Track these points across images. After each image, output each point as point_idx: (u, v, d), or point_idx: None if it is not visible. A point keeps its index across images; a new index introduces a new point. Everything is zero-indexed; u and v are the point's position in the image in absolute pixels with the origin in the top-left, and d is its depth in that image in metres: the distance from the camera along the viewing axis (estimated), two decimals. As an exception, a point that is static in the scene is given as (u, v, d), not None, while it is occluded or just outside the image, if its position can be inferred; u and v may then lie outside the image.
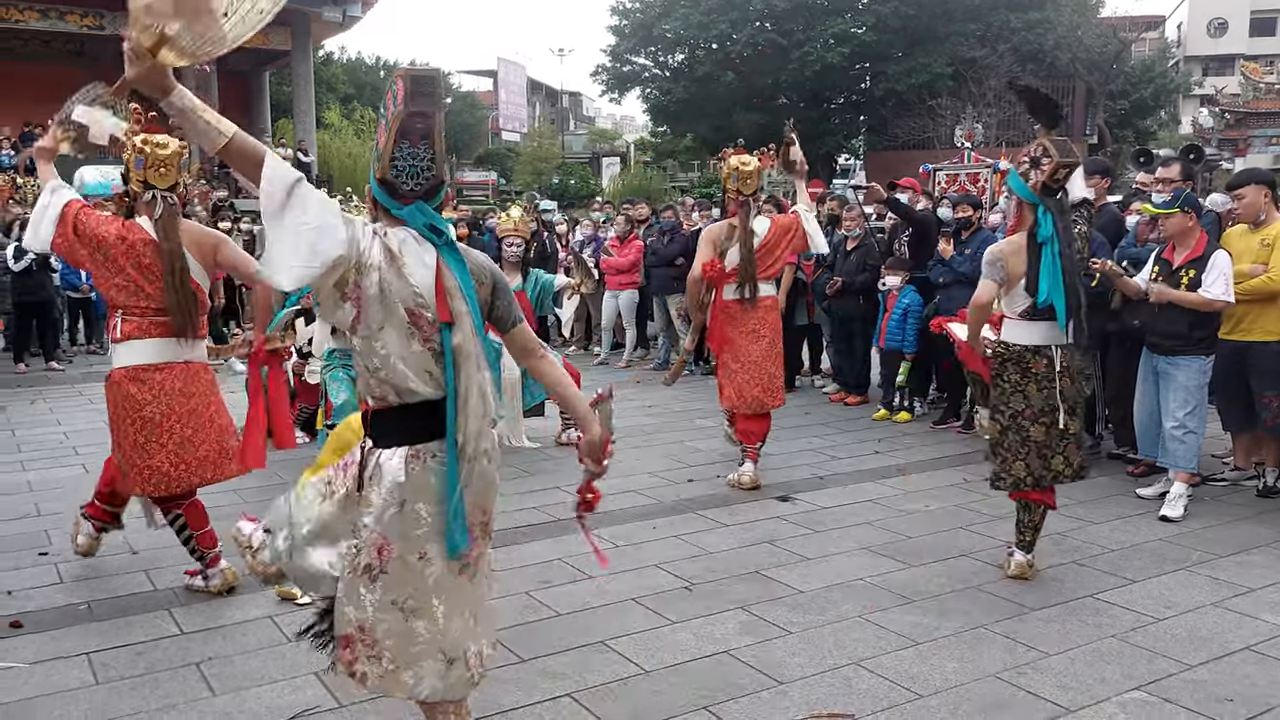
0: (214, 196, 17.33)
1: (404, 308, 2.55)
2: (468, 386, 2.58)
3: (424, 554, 2.65)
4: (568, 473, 6.56)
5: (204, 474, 4.45)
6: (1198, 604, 4.38)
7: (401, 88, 2.50)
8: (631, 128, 69.38)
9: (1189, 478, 5.71)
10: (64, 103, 4.70)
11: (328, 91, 38.53)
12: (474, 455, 2.63)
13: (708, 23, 30.27)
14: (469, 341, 2.57)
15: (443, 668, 2.71)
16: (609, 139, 60.26)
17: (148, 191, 4.31)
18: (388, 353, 2.57)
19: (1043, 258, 4.38)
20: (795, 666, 3.77)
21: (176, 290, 4.29)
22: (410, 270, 2.55)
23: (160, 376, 4.29)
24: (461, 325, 2.56)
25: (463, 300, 2.58)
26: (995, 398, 4.69)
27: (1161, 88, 36.97)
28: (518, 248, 7.19)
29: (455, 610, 2.71)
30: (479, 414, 2.62)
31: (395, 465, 2.62)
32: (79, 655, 3.83)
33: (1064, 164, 4.36)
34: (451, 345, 2.55)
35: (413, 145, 2.54)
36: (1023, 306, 4.55)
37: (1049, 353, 4.56)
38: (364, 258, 2.53)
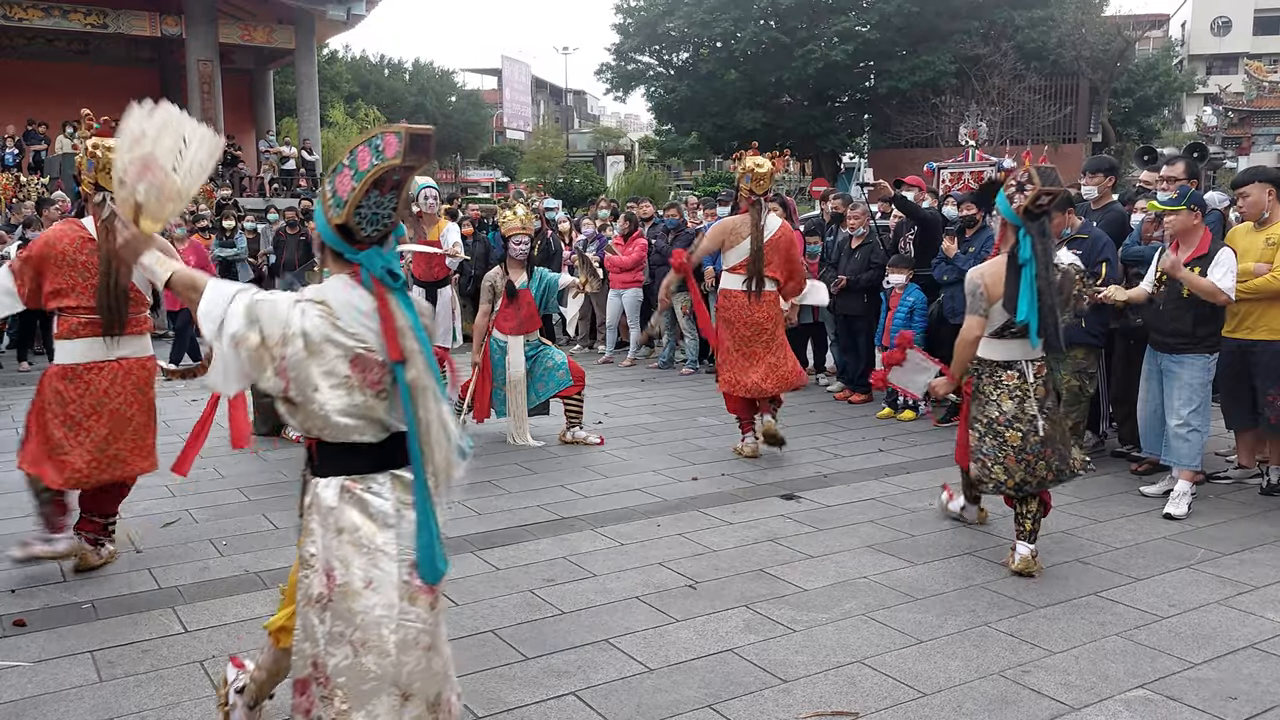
0: (218, 195, 17.38)
1: (345, 361, 2.58)
2: (428, 419, 2.59)
3: (370, 582, 2.60)
4: (571, 470, 6.56)
5: (114, 471, 4.61)
6: (1202, 602, 4.38)
7: (396, 142, 2.50)
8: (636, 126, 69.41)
9: (1193, 476, 5.70)
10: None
11: (331, 90, 38.56)
12: (450, 485, 2.66)
13: (711, 21, 30.28)
14: (423, 377, 2.58)
15: (397, 703, 2.61)
16: (613, 137, 60.28)
17: (98, 194, 4.43)
18: (326, 412, 2.59)
19: (1022, 279, 4.57)
20: (799, 664, 3.77)
21: (109, 291, 4.46)
22: (345, 323, 2.58)
23: (90, 376, 4.48)
24: (414, 362, 2.57)
25: (414, 339, 2.59)
26: (973, 408, 4.91)
27: (1165, 86, 36.94)
28: (525, 246, 7.20)
29: (413, 644, 2.62)
30: (444, 445, 2.62)
31: (330, 494, 2.65)
32: (83, 653, 3.84)
33: (1046, 191, 4.55)
34: (406, 380, 2.57)
35: (382, 194, 2.55)
36: (997, 325, 4.73)
37: (1020, 366, 4.78)
38: (287, 330, 2.56)
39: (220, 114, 25.14)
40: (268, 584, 4.53)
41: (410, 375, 2.56)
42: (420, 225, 8.51)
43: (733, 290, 6.67)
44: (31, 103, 24.16)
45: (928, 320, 8.04)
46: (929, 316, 8.05)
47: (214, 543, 5.12)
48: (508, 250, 7.20)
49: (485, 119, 54.30)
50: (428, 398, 2.59)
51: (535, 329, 7.29)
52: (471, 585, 4.56)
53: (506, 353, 7.14)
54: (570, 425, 7.34)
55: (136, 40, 26.29)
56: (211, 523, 5.47)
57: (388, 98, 44.90)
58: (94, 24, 23.96)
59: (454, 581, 4.60)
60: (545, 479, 6.37)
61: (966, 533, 5.30)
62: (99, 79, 26.65)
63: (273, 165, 25.18)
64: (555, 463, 6.80)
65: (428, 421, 2.58)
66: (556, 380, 7.18)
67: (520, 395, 7.16)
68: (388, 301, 2.57)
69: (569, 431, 7.34)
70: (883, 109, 30.26)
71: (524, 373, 7.13)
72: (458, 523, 5.46)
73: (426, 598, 2.65)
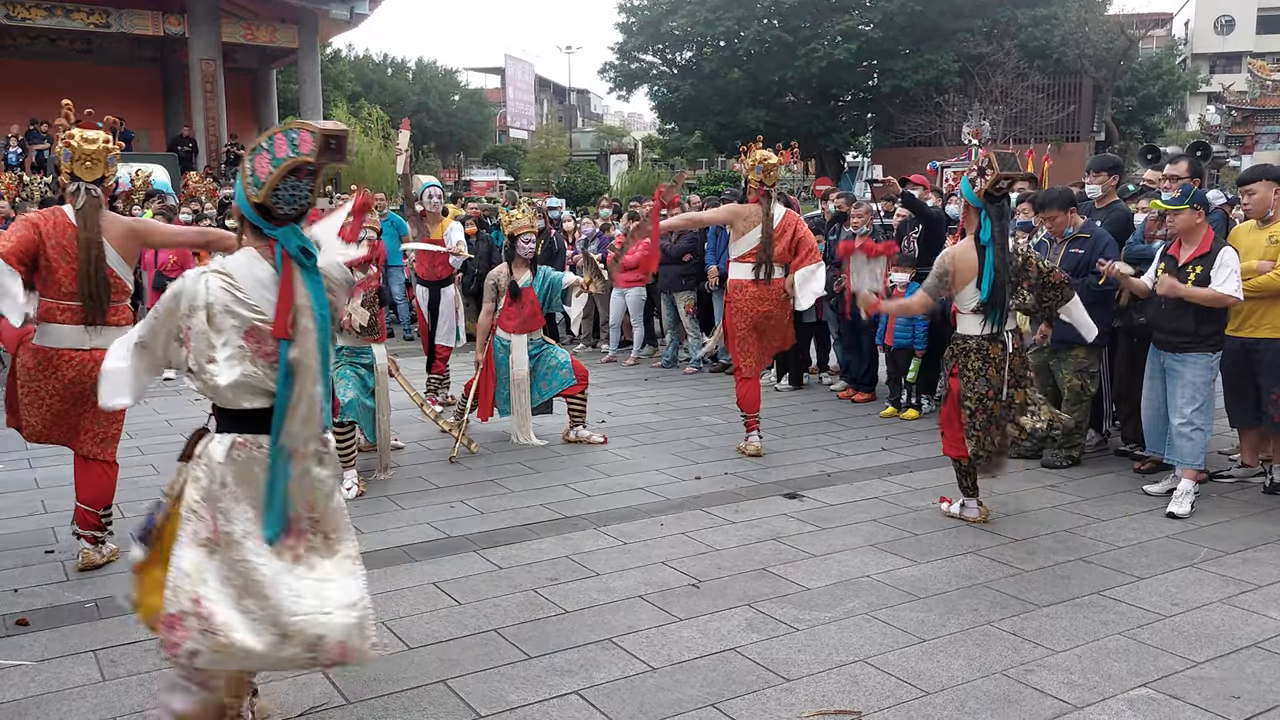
0: (221, 194, 17.39)
1: (240, 333, 2.78)
2: (299, 396, 2.77)
3: (249, 535, 2.82)
4: (574, 470, 6.57)
5: (66, 436, 4.76)
6: (1205, 601, 4.37)
7: (311, 141, 2.70)
8: (639, 125, 69.41)
9: (1196, 474, 5.69)
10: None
11: (335, 89, 38.50)
12: (305, 455, 2.83)
13: (715, 20, 30.28)
14: (308, 356, 2.76)
15: (276, 640, 2.79)
16: (617, 136, 60.23)
17: (74, 183, 4.58)
18: (216, 383, 2.80)
19: (986, 259, 5.04)
20: (802, 663, 3.77)
21: (90, 278, 4.54)
22: (246, 294, 2.77)
23: (60, 364, 4.57)
24: (302, 341, 2.75)
25: (310, 318, 2.75)
26: (963, 385, 5.24)
27: (1169, 84, 36.92)
28: (532, 244, 7.18)
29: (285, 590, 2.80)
30: (307, 419, 2.80)
31: (220, 450, 2.85)
32: (86, 652, 3.84)
33: (1005, 175, 5.01)
34: (289, 358, 2.74)
35: (299, 180, 2.76)
36: (975, 303, 5.16)
37: (1003, 338, 5.20)
38: (194, 301, 2.78)
39: (223, 113, 25.15)
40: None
41: (293, 354, 2.75)
42: (424, 224, 8.51)
43: (743, 280, 6.84)
44: (34, 102, 24.11)
45: (930, 319, 8.03)
46: (931, 315, 8.03)
47: (217, 541, 5.12)
48: (514, 249, 7.19)
49: (488, 118, 54.27)
50: (306, 377, 2.77)
51: (539, 328, 7.29)
52: (474, 584, 4.56)
53: (510, 351, 7.14)
54: (574, 424, 7.34)
55: (139, 39, 26.26)
56: (215, 521, 5.46)
57: (391, 97, 44.85)
58: (97, 23, 23.95)
59: (457, 580, 4.60)
60: (548, 478, 6.38)
61: (969, 532, 5.30)
62: (102, 78, 26.66)
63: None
64: (558, 462, 6.80)
65: (299, 398, 2.77)
66: (560, 379, 7.18)
67: (524, 394, 7.16)
68: (291, 278, 2.75)
69: (572, 430, 7.34)
70: (886, 108, 30.26)
71: (527, 372, 7.14)
72: (460, 521, 5.47)
73: (289, 554, 2.85)
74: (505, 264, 7.26)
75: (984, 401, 5.19)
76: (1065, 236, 6.37)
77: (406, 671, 3.69)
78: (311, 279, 2.78)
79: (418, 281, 8.57)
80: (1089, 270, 6.15)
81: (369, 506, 5.72)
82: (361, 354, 6.21)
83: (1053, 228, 6.43)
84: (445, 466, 6.63)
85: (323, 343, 2.80)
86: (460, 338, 8.68)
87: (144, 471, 6.34)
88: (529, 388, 7.17)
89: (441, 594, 4.44)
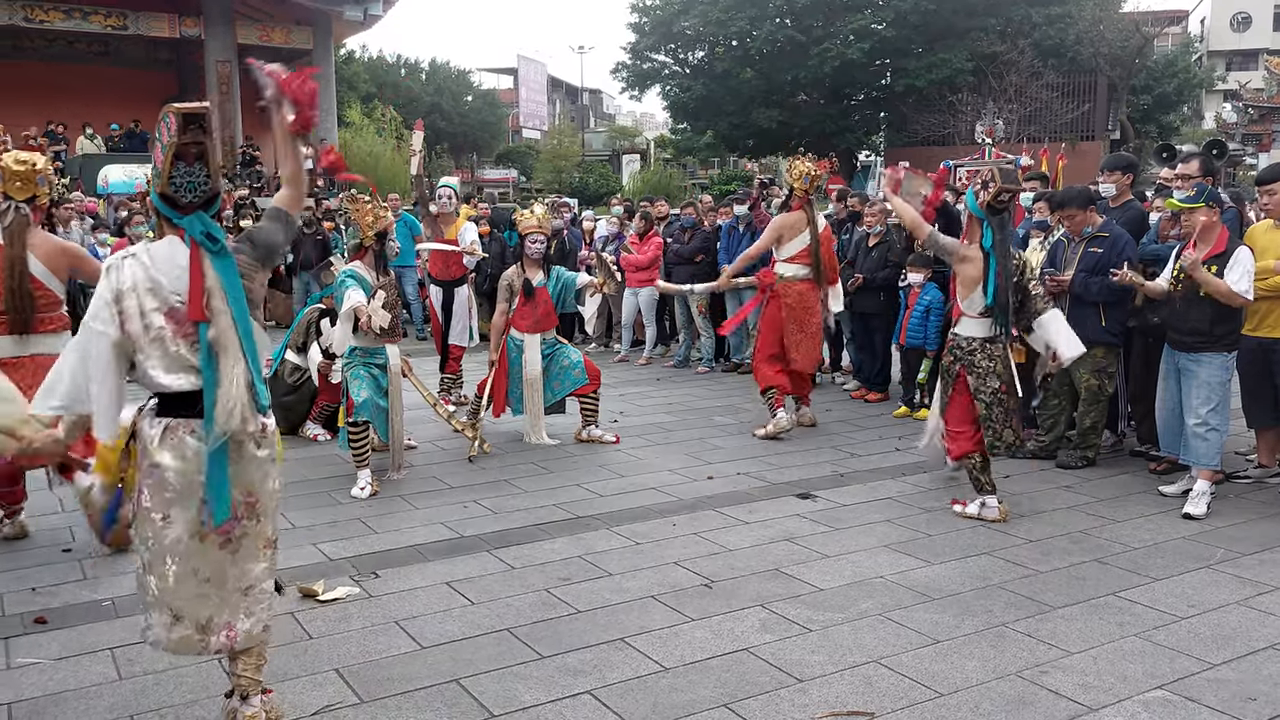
0: (236, 196, 17.47)
1: (161, 313, 2.94)
2: (225, 375, 2.91)
3: (167, 516, 2.98)
4: (587, 469, 6.57)
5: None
6: (1221, 602, 4.35)
7: (174, 121, 2.90)
8: (651, 125, 69.41)
9: (1212, 475, 5.66)
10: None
11: (349, 90, 38.65)
12: (240, 437, 2.98)
13: (727, 20, 30.25)
14: (225, 335, 2.92)
15: (169, 621, 3.04)
16: (629, 136, 60.28)
17: (5, 202, 4.92)
18: (145, 369, 2.97)
19: (989, 266, 5.30)
20: (815, 664, 3.77)
21: (14, 292, 4.86)
22: (164, 276, 2.94)
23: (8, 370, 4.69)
24: (217, 321, 2.91)
25: (223, 299, 2.92)
26: (975, 382, 5.47)
27: (1185, 83, 36.70)
28: (541, 244, 7.21)
29: (189, 575, 3.01)
30: (240, 400, 2.92)
31: (153, 432, 3.00)
32: (103, 650, 3.87)
33: (1006, 188, 5.29)
34: (207, 339, 2.90)
35: (189, 165, 2.93)
36: (981, 307, 5.41)
37: (1001, 340, 5.49)
38: (120, 287, 2.95)
39: (238, 114, 25.27)
40: (286, 581, 4.55)
41: (211, 334, 2.90)
42: (438, 224, 8.53)
43: (794, 278, 7.37)
44: (51, 104, 24.33)
45: (944, 320, 8.00)
46: (944, 315, 8.01)
47: (232, 541, 5.15)
48: (524, 249, 7.22)
49: (501, 118, 54.37)
50: (226, 356, 2.92)
51: (552, 327, 7.30)
52: (487, 584, 4.57)
53: (523, 351, 7.15)
54: (586, 424, 7.35)
55: (156, 42, 26.43)
56: (230, 521, 5.49)
57: (404, 97, 44.98)
58: (114, 25, 24.09)
59: (469, 580, 4.62)
60: (561, 478, 6.38)
61: (984, 532, 5.28)
62: (118, 80, 26.86)
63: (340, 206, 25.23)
64: (571, 462, 6.81)
65: (221, 377, 2.90)
66: (572, 379, 7.19)
67: (536, 393, 7.17)
68: (199, 263, 2.92)
69: (585, 430, 7.35)
70: (899, 107, 30.18)
71: (540, 371, 7.15)
72: (474, 521, 5.48)
73: (217, 538, 3.01)
74: (517, 264, 7.28)
75: (998, 395, 5.44)
76: (1084, 235, 6.34)
77: (420, 671, 3.70)
78: (221, 262, 2.94)
79: (431, 281, 8.59)
80: (1107, 270, 6.11)
81: (382, 506, 5.74)
82: (376, 354, 6.22)
83: (1071, 226, 6.40)
84: (458, 466, 6.65)
85: (240, 322, 2.94)
86: (473, 337, 8.70)
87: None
88: (542, 387, 7.18)
89: (455, 593, 4.45)
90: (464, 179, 39.68)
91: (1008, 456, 5.96)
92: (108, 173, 18.69)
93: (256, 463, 3.04)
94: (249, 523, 3.07)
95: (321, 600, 4.34)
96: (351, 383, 6.10)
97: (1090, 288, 6.19)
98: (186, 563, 2.99)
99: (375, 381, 6.15)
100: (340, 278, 6.17)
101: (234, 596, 3.07)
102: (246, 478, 3.03)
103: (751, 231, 9.93)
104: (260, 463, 3.06)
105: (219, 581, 3.04)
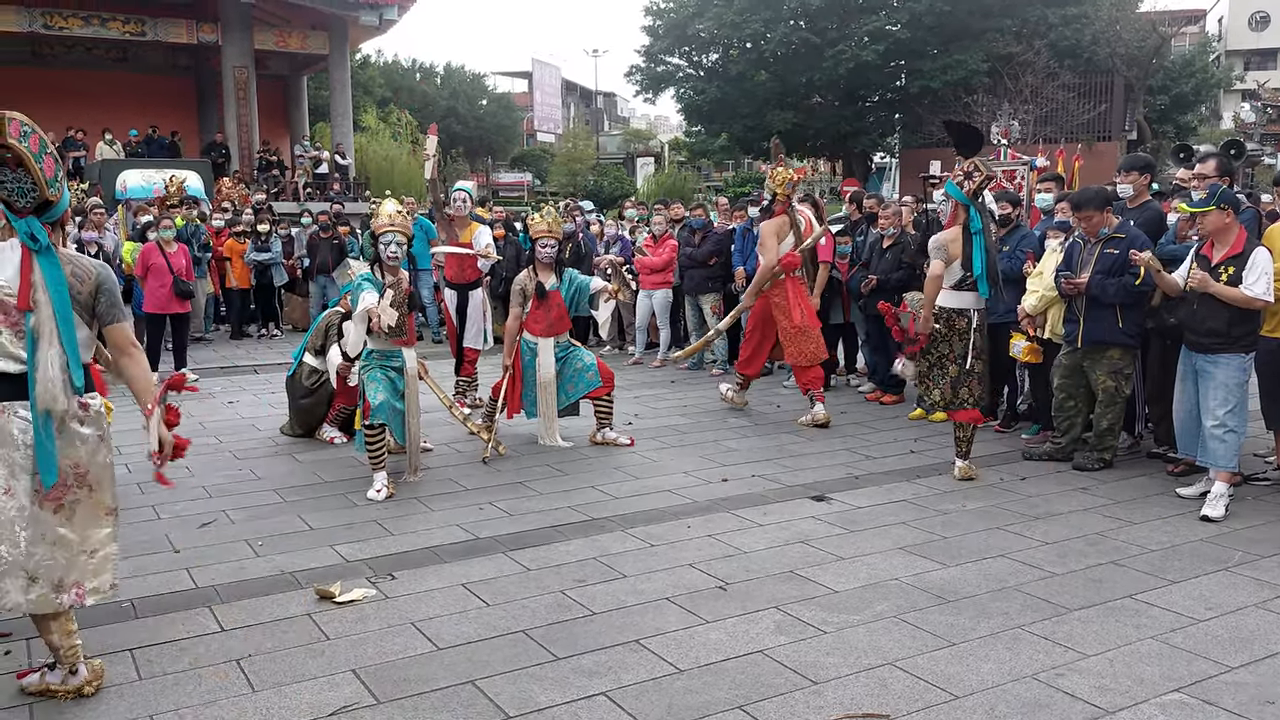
0: (253, 200, 17.58)
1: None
2: (42, 358, 3.30)
3: (8, 489, 3.32)
4: (601, 472, 6.58)
5: None
6: (1239, 605, 4.32)
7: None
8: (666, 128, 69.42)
9: (1230, 477, 5.63)
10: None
11: (364, 95, 38.86)
12: (61, 415, 3.35)
13: (741, 22, 30.25)
14: (44, 324, 3.32)
15: (25, 584, 3.35)
16: (643, 139, 60.33)
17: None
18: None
19: (975, 244, 6.04)
20: (830, 666, 3.77)
21: None
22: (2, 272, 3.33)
23: None
24: (39, 311, 3.31)
25: (45, 292, 3.31)
26: (927, 344, 6.36)
27: (1202, 82, 36.48)
28: (551, 249, 7.24)
29: (40, 539, 3.36)
30: (55, 380, 3.31)
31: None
32: (123, 651, 3.90)
33: (989, 176, 6.19)
34: (30, 325, 3.31)
35: (12, 170, 3.26)
36: (955, 279, 6.18)
37: (969, 314, 6.23)
38: None
39: (255, 120, 25.42)
40: (303, 584, 4.58)
41: (33, 322, 3.31)
42: (452, 228, 8.56)
43: (779, 277, 7.85)
44: (71, 110, 24.52)
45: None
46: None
47: (250, 543, 5.19)
48: (535, 253, 7.25)
49: (516, 122, 54.55)
50: (44, 342, 3.31)
51: (565, 330, 7.32)
52: (503, 585, 4.59)
53: (537, 354, 7.18)
54: (600, 426, 7.36)
55: (174, 47, 26.63)
56: (247, 523, 5.54)
57: (420, 101, 45.20)
58: (133, 32, 24.28)
59: (485, 582, 4.63)
60: (576, 480, 6.40)
61: (1000, 535, 5.27)
62: (137, 86, 27.07)
63: (307, 170, 25.43)
64: (586, 464, 6.82)
65: (40, 360, 3.30)
66: (586, 381, 7.21)
67: (550, 396, 7.19)
68: (28, 260, 3.32)
69: (599, 432, 7.36)
70: (914, 108, 30.08)
71: (554, 374, 7.17)
72: (489, 523, 5.50)
73: (49, 504, 3.37)
74: (529, 268, 7.30)
75: (941, 360, 6.30)
76: (1100, 237, 6.32)
77: (436, 672, 3.72)
78: (46, 259, 3.33)
79: (446, 285, 8.62)
80: (1124, 271, 6.09)
81: (399, 508, 5.77)
82: (391, 357, 6.25)
83: (1088, 228, 6.37)
84: (474, 469, 6.67)
85: (60, 313, 3.32)
86: (488, 340, 8.73)
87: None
88: (556, 390, 7.20)
89: (471, 595, 4.47)
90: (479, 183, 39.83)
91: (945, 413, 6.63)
92: (126, 178, 18.83)
93: (81, 438, 3.42)
94: (81, 491, 3.44)
95: (338, 602, 4.36)
96: (368, 385, 6.13)
97: (1107, 289, 6.16)
98: (35, 528, 3.35)
99: (391, 384, 6.18)
100: (356, 280, 6.21)
101: (80, 559, 3.45)
102: (74, 451, 3.40)
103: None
104: (85, 438, 3.43)
105: (64, 545, 3.41)
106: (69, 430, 3.38)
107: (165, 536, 5.25)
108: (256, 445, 7.44)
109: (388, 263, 6.24)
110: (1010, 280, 7.40)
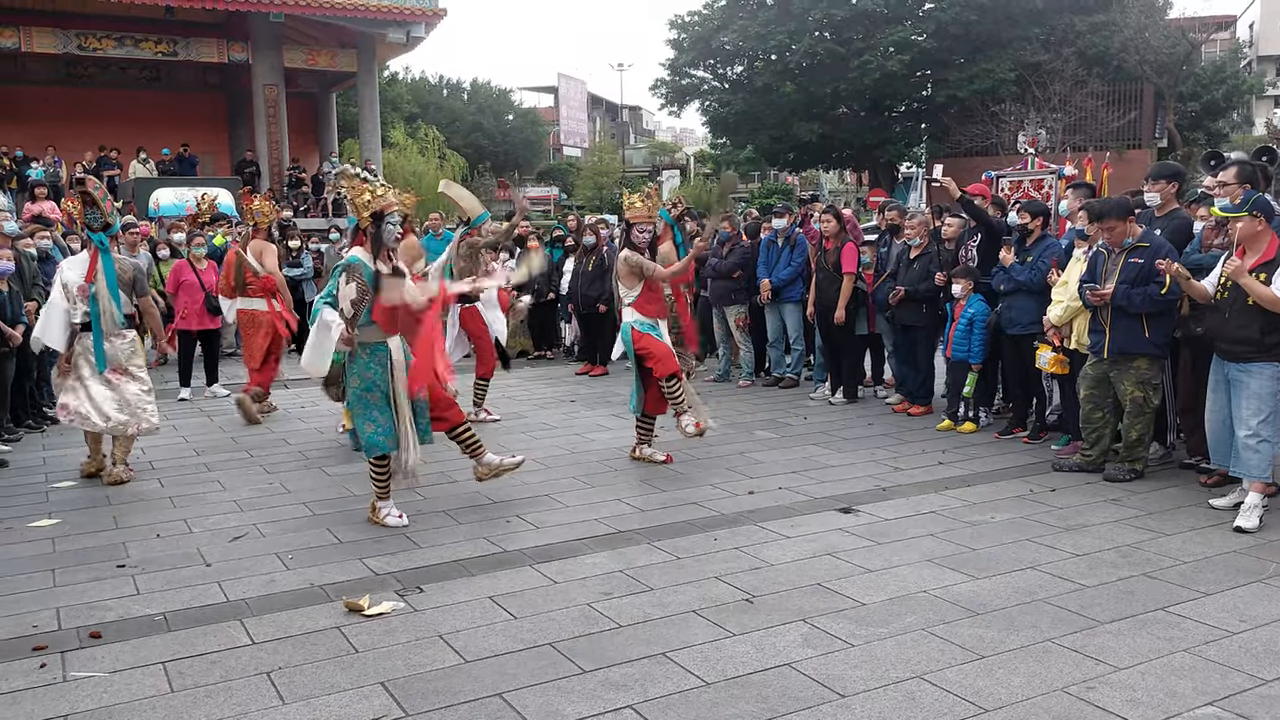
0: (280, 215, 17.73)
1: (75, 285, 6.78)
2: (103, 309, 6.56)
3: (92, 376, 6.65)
4: (628, 484, 6.59)
5: None
6: (1274, 617, 4.26)
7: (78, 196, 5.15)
8: (691, 140, 69.57)
9: (1264, 488, 5.55)
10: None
11: (392, 111, 39.19)
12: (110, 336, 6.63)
13: (766, 34, 30.23)
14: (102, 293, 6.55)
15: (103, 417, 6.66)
16: (669, 152, 60.49)
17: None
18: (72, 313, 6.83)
19: None
20: (857, 679, 3.75)
21: None
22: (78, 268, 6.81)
23: None
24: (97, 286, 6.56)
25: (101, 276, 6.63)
26: None
27: (1233, 89, 36.02)
28: (648, 234, 7.07)
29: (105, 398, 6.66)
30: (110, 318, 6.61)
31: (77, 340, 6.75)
32: (155, 664, 3.95)
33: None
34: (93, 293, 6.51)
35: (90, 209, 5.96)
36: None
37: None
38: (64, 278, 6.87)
39: (285, 137, 25.70)
40: (332, 596, 4.62)
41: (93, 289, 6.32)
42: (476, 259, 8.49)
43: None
44: (105, 129, 24.94)
45: (987, 331, 7.94)
46: (987, 327, 7.95)
47: (280, 556, 5.24)
48: (629, 237, 7.08)
49: (542, 136, 54.81)
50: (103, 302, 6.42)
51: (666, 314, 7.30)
52: (530, 598, 4.60)
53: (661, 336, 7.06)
54: (640, 442, 7.33)
55: (205, 66, 27.00)
56: (277, 537, 5.59)
57: (447, 117, 45.52)
58: (164, 52, 24.63)
59: (512, 594, 4.65)
60: (602, 493, 6.41)
61: (1030, 547, 5.23)
62: (169, 105, 27.46)
63: (335, 186, 25.67)
64: (612, 476, 6.84)
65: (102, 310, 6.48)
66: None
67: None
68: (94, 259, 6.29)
69: (639, 448, 7.33)
70: (941, 118, 29.92)
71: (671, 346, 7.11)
72: (516, 536, 5.52)
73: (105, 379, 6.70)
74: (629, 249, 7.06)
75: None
76: (1124, 247, 6.26)
77: (463, 684, 3.74)
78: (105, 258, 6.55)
79: None
80: (1149, 280, 6.04)
81: (426, 521, 5.80)
82: (377, 350, 5.66)
83: (1111, 238, 6.31)
84: (500, 481, 6.67)
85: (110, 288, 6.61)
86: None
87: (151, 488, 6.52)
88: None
89: (498, 608, 4.49)
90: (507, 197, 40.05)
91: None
92: (159, 196, 19.12)
93: (119, 349, 6.70)
94: (124, 377, 6.73)
95: (367, 614, 4.40)
96: (356, 417, 5.77)
97: (1133, 299, 6.11)
98: (103, 392, 6.67)
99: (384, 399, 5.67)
100: (336, 266, 5.73)
101: (128, 409, 6.72)
102: (116, 355, 6.68)
103: (791, 246, 9.94)
104: (121, 349, 6.72)
105: (125, 403, 6.71)
106: (113, 345, 6.67)
107: (197, 550, 5.32)
108: (287, 459, 7.51)
109: (389, 245, 5.63)
110: (1033, 291, 7.36)
